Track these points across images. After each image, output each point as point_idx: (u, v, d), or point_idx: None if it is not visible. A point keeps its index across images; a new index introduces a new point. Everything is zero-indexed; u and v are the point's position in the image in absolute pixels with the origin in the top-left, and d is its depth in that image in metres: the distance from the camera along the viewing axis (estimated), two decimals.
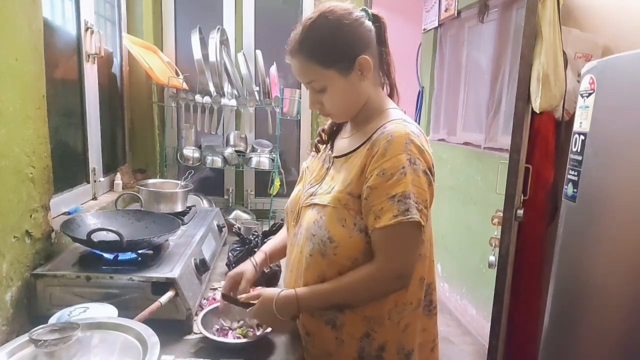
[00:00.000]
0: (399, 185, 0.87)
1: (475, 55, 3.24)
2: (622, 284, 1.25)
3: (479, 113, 3.11)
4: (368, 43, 0.95)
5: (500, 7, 2.84)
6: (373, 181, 0.90)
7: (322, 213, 0.96)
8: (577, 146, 1.41)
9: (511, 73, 2.73)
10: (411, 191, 0.88)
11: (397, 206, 0.87)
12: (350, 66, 0.93)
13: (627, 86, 1.25)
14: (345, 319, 0.98)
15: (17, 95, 1.04)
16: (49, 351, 0.76)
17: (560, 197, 1.53)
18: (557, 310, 1.51)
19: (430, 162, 0.94)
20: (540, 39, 1.80)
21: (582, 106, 1.40)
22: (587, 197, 1.36)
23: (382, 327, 0.98)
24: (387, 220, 0.87)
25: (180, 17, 2.20)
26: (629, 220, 1.22)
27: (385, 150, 0.89)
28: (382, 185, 0.88)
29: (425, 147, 0.94)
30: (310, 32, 0.92)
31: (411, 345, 1.03)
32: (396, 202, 0.87)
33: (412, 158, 0.89)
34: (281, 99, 2.03)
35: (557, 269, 1.52)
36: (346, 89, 0.95)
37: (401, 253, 0.92)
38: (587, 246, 1.37)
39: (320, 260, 0.96)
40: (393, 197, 0.87)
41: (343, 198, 0.94)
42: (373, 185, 0.90)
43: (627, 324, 1.24)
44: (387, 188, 0.88)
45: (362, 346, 0.99)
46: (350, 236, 0.93)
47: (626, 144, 1.23)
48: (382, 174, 0.89)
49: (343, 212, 0.94)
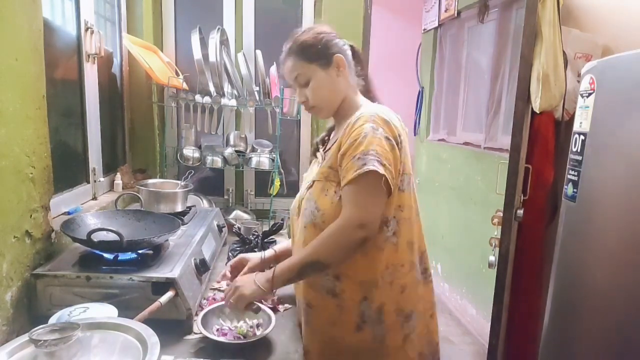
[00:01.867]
0: (360, 146, 0.99)
1: (475, 56, 3.24)
2: (622, 284, 1.25)
3: (479, 113, 3.11)
4: (343, 51, 1.12)
5: (500, 7, 2.84)
6: (343, 149, 1.02)
7: (311, 190, 1.10)
8: (577, 146, 1.41)
9: (511, 73, 2.73)
10: (370, 149, 0.98)
11: (357, 163, 0.98)
12: (328, 62, 1.09)
13: (627, 86, 1.25)
14: (343, 286, 1.06)
15: (17, 95, 1.04)
16: (49, 351, 0.76)
17: (560, 197, 1.53)
18: (557, 310, 1.51)
19: (396, 133, 1.03)
20: (540, 39, 1.80)
21: (582, 106, 1.40)
22: (587, 197, 1.36)
23: (378, 289, 1.06)
24: (349, 177, 0.98)
25: (180, 17, 2.20)
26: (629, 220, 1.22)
27: (353, 124, 1.03)
28: (349, 150, 1.00)
29: (393, 121, 1.05)
30: (297, 38, 1.12)
31: (410, 308, 1.10)
32: (356, 160, 0.98)
33: (375, 126, 1.01)
34: (281, 99, 2.03)
35: (557, 268, 1.52)
36: (325, 80, 1.10)
37: (362, 202, 0.99)
38: (587, 246, 1.36)
39: (312, 230, 1.06)
40: (354, 156, 0.99)
41: (325, 171, 1.07)
42: (342, 152, 1.02)
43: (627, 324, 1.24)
44: (352, 151, 1.00)
45: (362, 310, 1.06)
46: (332, 202, 1.04)
47: (626, 144, 1.23)
48: (349, 142, 1.01)
49: (326, 184, 1.06)
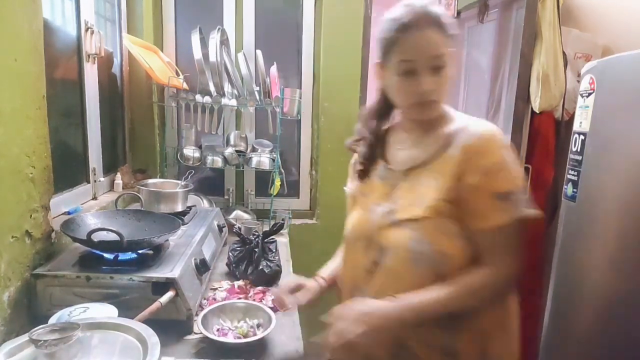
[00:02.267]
0: (503, 182, 0.83)
1: (475, 55, 3.23)
2: (622, 284, 1.25)
3: (479, 113, 3.10)
4: None
5: (500, 7, 2.84)
6: (475, 181, 0.83)
7: (416, 227, 0.86)
8: (577, 146, 1.41)
9: (511, 73, 2.72)
10: (519, 185, 0.84)
11: (505, 204, 0.82)
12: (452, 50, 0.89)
13: (627, 86, 1.25)
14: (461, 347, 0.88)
15: (17, 95, 1.04)
16: (49, 351, 0.76)
17: (560, 197, 1.53)
18: (557, 310, 1.51)
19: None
20: (540, 39, 1.80)
21: (582, 106, 1.40)
22: (587, 197, 1.36)
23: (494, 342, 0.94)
24: (497, 220, 0.82)
25: (180, 17, 2.20)
26: (629, 220, 1.22)
27: (480, 148, 0.84)
28: (486, 184, 0.83)
29: None
30: (439, 10, 0.87)
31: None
32: (504, 200, 0.82)
33: (508, 152, 0.85)
34: (281, 99, 2.03)
35: (556, 268, 1.52)
36: (451, 72, 0.89)
37: (515, 253, 0.86)
38: (587, 246, 1.36)
39: (430, 277, 0.86)
40: (499, 194, 0.82)
41: (440, 206, 0.85)
42: (476, 185, 0.83)
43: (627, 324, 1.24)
44: (491, 187, 0.82)
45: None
46: (461, 246, 0.85)
47: (626, 144, 1.23)
48: (484, 173, 0.83)
49: (444, 222, 0.85)
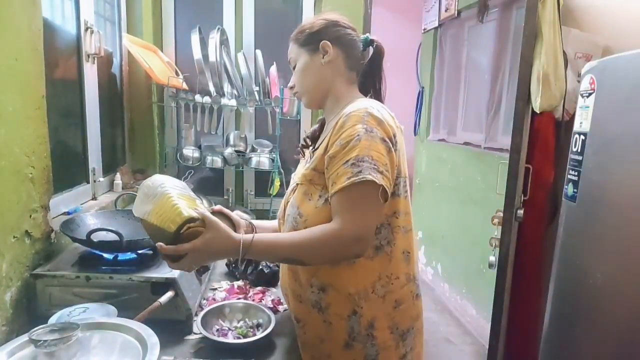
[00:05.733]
0: (353, 151, 0.90)
1: (475, 55, 3.24)
2: (622, 284, 1.25)
3: (479, 113, 3.11)
4: (343, 40, 1.06)
5: (500, 7, 2.84)
6: (332, 151, 0.93)
7: (294, 194, 1.04)
8: (577, 146, 1.41)
9: (511, 73, 2.73)
10: (366, 154, 0.90)
11: (350, 169, 0.89)
12: (315, 48, 1.05)
13: (627, 86, 1.25)
14: (329, 299, 0.99)
15: (16, 95, 1.04)
16: (49, 351, 0.76)
17: (560, 197, 1.53)
18: (557, 310, 1.51)
19: (391, 133, 0.95)
20: (540, 39, 1.80)
21: (582, 106, 1.40)
22: (587, 197, 1.36)
23: (368, 302, 0.98)
24: (341, 183, 0.90)
25: (180, 17, 2.20)
26: (629, 220, 1.22)
27: (343, 123, 0.94)
28: (339, 153, 0.92)
29: (387, 119, 0.96)
30: (301, 25, 1.10)
31: (407, 325, 1.02)
32: (350, 166, 0.89)
33: (369, 127, 0.92)
34: (281, 99, 2.03)
35: (557, 269, 1.52)
36: (308, 66, 1.06)
37: (358, 214, 0.90)
38: (587, 246, 1.36)
39: None
40: (347, 161, 0.90)
41: (308, 174, 1.00)
42: (331, 155, 0.93)
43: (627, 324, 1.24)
44: (343, 155, 0.91)
45: (350, 325, 0.98)
46: (316, 207, 0.97)
47: (626, 144, 1.23)
48: (339, 143, 0.92)
49: (309, 187, 0.99)
